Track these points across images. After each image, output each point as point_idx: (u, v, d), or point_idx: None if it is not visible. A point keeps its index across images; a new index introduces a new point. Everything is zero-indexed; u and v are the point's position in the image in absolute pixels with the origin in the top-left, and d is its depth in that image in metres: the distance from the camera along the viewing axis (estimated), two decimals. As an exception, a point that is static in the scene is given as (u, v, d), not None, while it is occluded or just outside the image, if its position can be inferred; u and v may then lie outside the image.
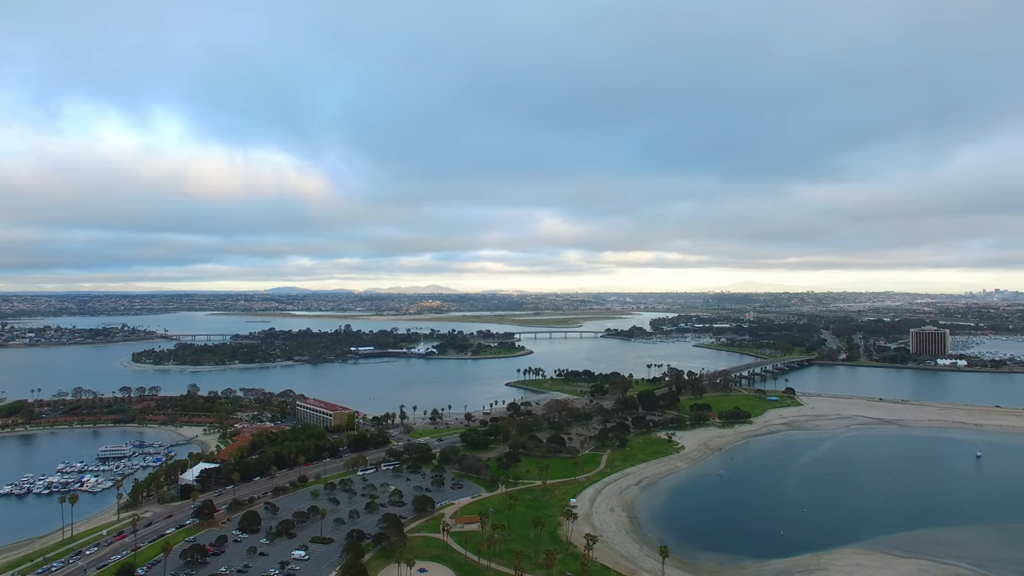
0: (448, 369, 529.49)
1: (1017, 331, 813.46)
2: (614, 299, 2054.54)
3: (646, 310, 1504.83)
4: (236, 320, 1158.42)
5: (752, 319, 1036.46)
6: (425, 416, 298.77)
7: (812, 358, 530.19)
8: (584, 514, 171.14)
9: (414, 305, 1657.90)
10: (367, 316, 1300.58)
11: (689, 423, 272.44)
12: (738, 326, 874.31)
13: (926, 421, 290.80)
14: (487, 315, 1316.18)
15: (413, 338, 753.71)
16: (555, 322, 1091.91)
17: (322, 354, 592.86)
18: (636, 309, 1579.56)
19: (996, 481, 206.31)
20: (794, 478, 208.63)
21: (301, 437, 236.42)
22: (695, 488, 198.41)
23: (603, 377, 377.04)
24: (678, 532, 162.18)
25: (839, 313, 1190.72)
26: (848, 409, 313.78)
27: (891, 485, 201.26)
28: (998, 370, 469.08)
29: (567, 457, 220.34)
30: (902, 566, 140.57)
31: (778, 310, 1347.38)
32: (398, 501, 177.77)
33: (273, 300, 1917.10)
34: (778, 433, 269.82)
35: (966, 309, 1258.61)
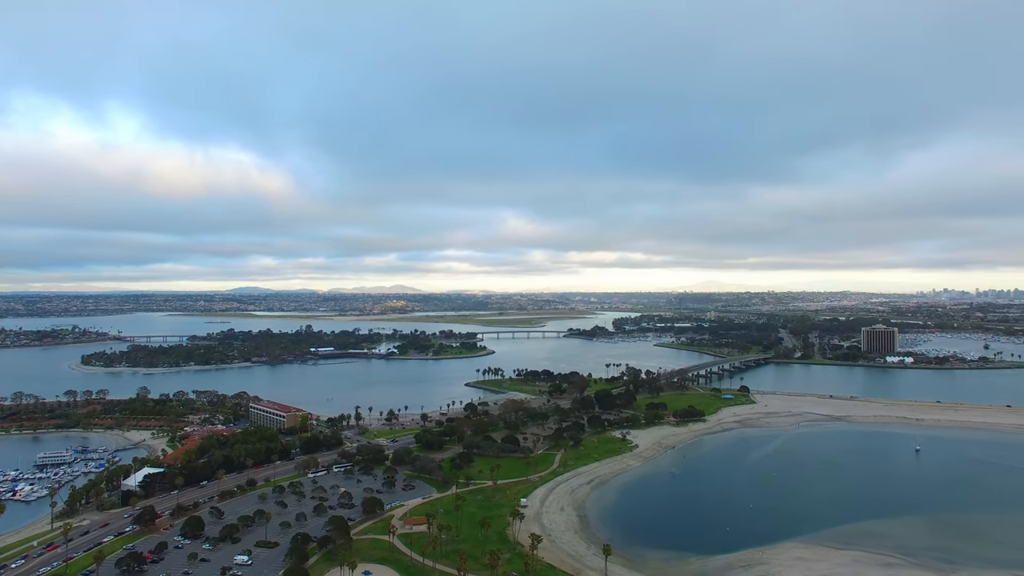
0: (409, 370, 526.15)
1: (961, 329, 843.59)
2: (579, 299, 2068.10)
3: (610, 310, 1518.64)
4: (195, 321, 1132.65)
5: (713, 319, 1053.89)
6: (381, 417, 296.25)
7: (768, 357, 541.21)
8: (534, 514, 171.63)
9: (378, 305, 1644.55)
10: (330, 316, 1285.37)
11: (644, 422, 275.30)
12: (699, 325, 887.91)
13: (872, 417, 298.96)
14: (451, 315, 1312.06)
15: (375, 338, 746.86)
16: (519, 322, 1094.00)
17: (281, 355, 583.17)
18: (600, 309, 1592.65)
19: (932, 473, 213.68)
20: (743, 475, 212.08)
21: (252, 440, 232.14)
22: (646, 486, 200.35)
23: (561, 377, 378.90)
24: (627, 530, 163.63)
25: (797, 312, 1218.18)
26: (799, 406, 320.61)
27: (835, 480, 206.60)
28: (941, 367, 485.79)
29: (521, 457, 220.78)
30: (839, 558, 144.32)
31: (739, 309, 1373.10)
32: (347, 503, 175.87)
33: (234, 300, 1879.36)
34: (731, 431, 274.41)
35: (916, 308, 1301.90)
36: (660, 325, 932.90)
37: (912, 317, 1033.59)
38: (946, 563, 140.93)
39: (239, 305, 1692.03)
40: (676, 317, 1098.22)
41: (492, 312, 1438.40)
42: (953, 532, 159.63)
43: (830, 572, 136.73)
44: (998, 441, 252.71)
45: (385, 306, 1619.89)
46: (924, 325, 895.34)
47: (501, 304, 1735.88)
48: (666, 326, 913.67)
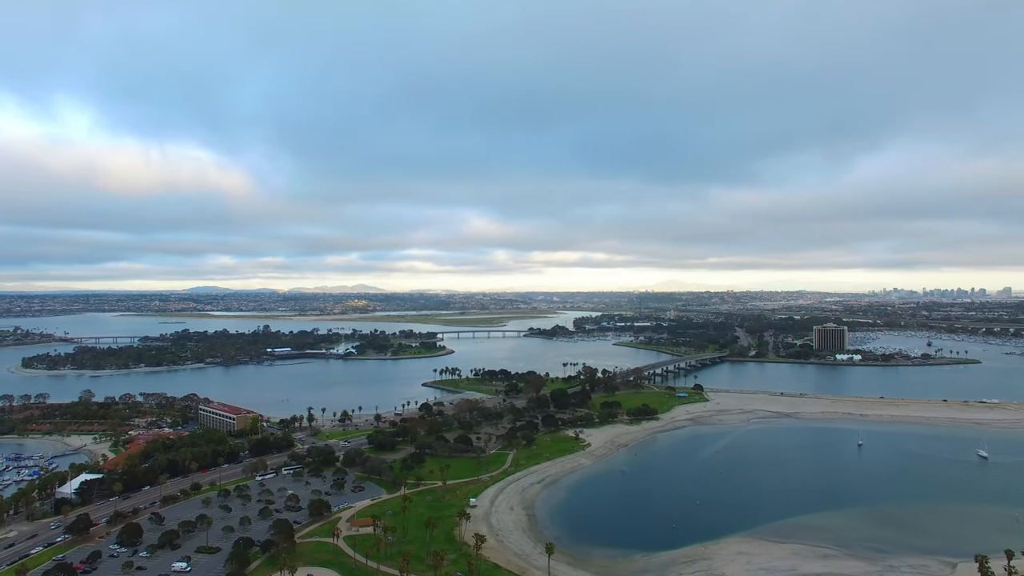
0: (367, 370, 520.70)
1: (908, 327, 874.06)
2: (541, 298, 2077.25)
3: (572, 309, 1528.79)
4: (148, 321, 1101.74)
5: (672, 318, 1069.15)
6: (334, 418, 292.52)
7: (724, 355, 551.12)
8: (483, 513, 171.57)
9: (339, 305, 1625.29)
10: (289, 316, 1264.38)
11: (598, 421, 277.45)
12: (658, 325, 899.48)
13: (819, 413, 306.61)
14: (413, 315, 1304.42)
15: (334, 338, 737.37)
16: (480, 322, 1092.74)
17: (236, 356, 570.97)
18: (563, 308, 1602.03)
19: (872, 466, 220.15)
20: (692, 472, 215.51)
21: (200, 443, 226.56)
22: (596, 484, 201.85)
23: (518, 376, 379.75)
24: (575, 528, 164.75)
25: (755, 311, 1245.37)
26: (751, 404, 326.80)
27: (780, 475, 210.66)
28: (887, 364, 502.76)
29: (473, 457, 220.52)
30: (779, 551, 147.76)
31: (698, 309, 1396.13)
32: (294, 506, 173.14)
33: (191, 300, 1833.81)
34: (683, 428, 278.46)
35: (868, 307, 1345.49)
36: (620, 324, 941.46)
37: (863, 316, 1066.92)
38: (878, 553, 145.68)
39: (196, 305, 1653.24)
40: (636, 316, 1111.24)
41: (454, 312, 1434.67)
42: (887, 523, 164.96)
43: (769, 565, 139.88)
44: (933, 434, 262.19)
45: (346, 306, 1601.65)
46: (874, 324, 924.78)
47: (463, 304, 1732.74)
48: (626, 325, 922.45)
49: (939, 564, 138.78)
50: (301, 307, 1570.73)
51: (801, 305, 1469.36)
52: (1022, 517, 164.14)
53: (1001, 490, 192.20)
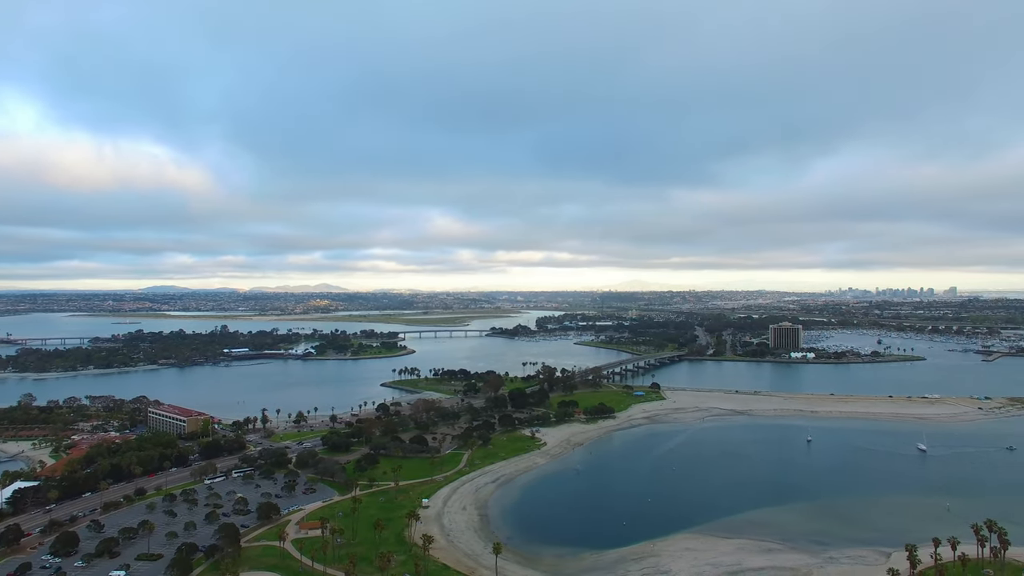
0: (326, 370, 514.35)
1: (860, 325, 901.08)
2: (505, 298, 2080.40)
3: (536, 309, 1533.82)
4: (101, 322, 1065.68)
5: (634, 317, 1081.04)
6: (289, 420, 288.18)
7: (683, 354, 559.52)
8: (435, 514, 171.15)
9: (301, 305, 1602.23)
10: (249, 316, 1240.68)
11: (555, 420, 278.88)
12: (619, 324, 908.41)
13: (772, 410, 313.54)
14: (375, 314, 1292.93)
15: (294, 339, 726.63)
16: (443, 321, 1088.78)
17: (191, 357, 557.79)
18: (526, 308, 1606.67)
19: (819, 462, 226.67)
20: (646, 469, 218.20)
21: (147, 447, 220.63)
22: (550, 484, 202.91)
23: (477, 376, 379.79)
24: (526, 527, 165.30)
25: (715, 311, 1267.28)
26: (706, 402, 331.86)
27: (731, 472, 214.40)
28: (839, 361, 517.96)
29: (428, 457, 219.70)
30: (725, 547, 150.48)
31: (660, 308, 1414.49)
32: (242, 509, 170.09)
33: (147, 300, 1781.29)
34: (639, 427, 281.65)
35: (824, 306, 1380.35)
36: (583, 324, 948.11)
37: (819, 315, 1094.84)
38: (819, 545, 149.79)
39: (152, 305, 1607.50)
40: (599, 316, 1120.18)
41: (417, 311, 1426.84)
42: (829, 516, 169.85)
43: (715, 561, 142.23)
44: (878, 429, 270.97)
45: (308, 305, 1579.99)
46: (828, 322, 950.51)
47: (427, 303, 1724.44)
48: (588, 325, 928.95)
49: (875, 554, 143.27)
50: (262, 307, 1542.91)
51: (760, 304, 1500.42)
52: (953, 507, 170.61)
53: (936, 481, 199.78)
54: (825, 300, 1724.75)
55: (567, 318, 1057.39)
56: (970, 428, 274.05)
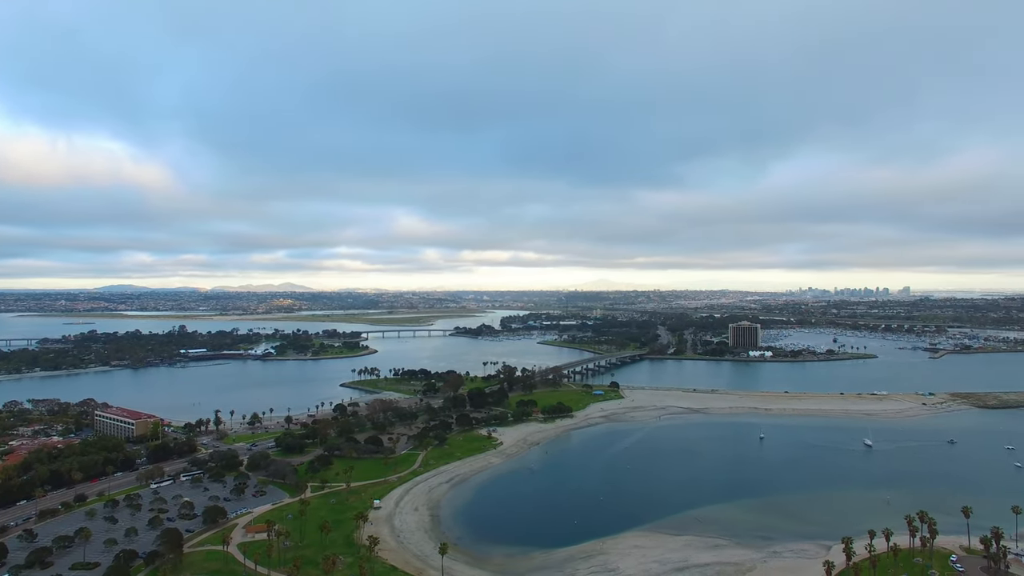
0: (285, 371, 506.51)
1: (818, 324, 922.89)
2: (471, 297, 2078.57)
3: (502, 308, 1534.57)
4: (52, 322, 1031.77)
5: (598, 316, 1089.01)
6: (244, 421, 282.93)
7: (644, 353, 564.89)
8: (386, 515, 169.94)
9: (263, 304, 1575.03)
10: (209, 316, 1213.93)
11: (512, 419, 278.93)
12: (583, 323, 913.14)
13: (727, 408, 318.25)
14: (339, 314, 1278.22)
15: (254, 339, 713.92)
16: (407, 321, 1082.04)
17: (146, 358, 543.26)
18: (492, 307, 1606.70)
19: (770, 458, 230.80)
20: (600, 468, 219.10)
21: (92, 451, 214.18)
22: (504, 483, 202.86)
23: (437, 376, 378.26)
24: (478, 527, 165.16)
25: (679, 310, 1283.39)
26: (664, 400, 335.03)
27: (683, 469, 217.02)
28: (795, 359, 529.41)
29: (383, 458, 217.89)
30: (672, 543, 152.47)
31: (625, 307, 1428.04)
32: (188, 514, 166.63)
33: (102, 299, 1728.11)
34: (596, 426, 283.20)
35: (784, 305, 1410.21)
36: (547, 323, 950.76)
37: (779, 314, 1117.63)
38: (764, 540, 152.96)
39: (108, 304, 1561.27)
40: (564, 315, 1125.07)
41: (382, 311, 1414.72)
42: (776, 512, 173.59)
43: (662, 558, 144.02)
44: (828, 426, 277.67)
45: (271, 305, 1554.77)
46: (787, 321, 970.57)
47: (392, 303, 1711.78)
48: (552, 324, 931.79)
49: (816, 547, 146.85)
50: (224, 306, 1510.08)
51: (723, 304, 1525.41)
52: (893, 500, 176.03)
53: (879, 475, 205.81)
54: (786, 300, 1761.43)
55: (531, 317, 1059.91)
56: (914, 423, 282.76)
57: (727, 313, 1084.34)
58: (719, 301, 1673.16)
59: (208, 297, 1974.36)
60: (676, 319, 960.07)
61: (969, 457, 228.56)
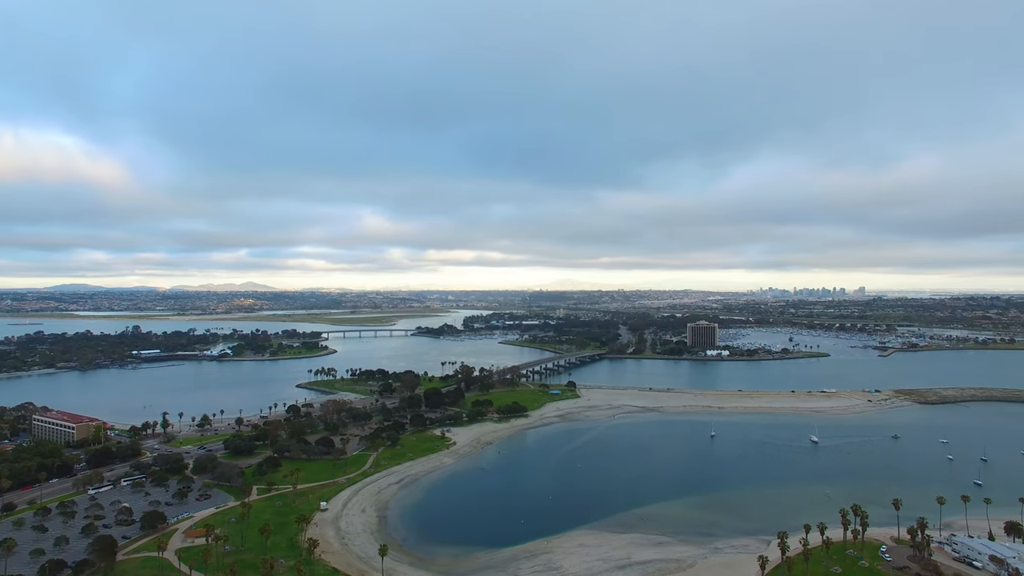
0: (242, 371, 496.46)
1: (776, 324, 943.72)
2: (436, 297, 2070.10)
3: (467, 308, 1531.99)
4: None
5: (561, 316, 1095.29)
6: (193, 423, 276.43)
7: (603, 352, 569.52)
8: (332, 517, 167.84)
9: (223, 304, 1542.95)
10: (166, 316, 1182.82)
11: (467, 419, 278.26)
12: (545, 323, 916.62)
13: (681, 407, 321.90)
14: (301, 314, 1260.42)
15: (211, 339, 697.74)
16: (370, 320, 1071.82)
17: (95, 359, 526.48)
18: (457, 307, 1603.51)
19: (719, 456, 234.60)
20: (552, 467, 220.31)
21: (25, 457, 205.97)
22: (455, 483, 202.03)
23: (394, 376, 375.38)
24: (425, 528, 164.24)
25: (641, 310, 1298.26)
26: (619, 399, 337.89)
27: (633, 468, 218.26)
28: (751, 358, 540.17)
29: (332, 459, 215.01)
30: (617, 542, 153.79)
31: (589, 307, 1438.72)
32: (126, 520, 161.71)
33: (52, 299, 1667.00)
34: (551, 425, 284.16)
35: (745, 305, 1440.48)
36: (509, 323, 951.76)
37: (739, 313, 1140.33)
38: (707, 537, 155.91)
39: (58, 304, 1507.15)
40: (527, 315, 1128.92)
41: (345, 311, 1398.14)
42: (722, 508, 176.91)
43: (606, 556, 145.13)
44: (777, 423, 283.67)
45: (232, 304, 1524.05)
46: (746, 321, 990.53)
47: (355, 302, 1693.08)
48: (515, 324, 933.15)
49: (757, 542, 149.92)
50: (182, 306, 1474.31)
51: (685, 304, 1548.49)
52: (833, 494, 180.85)
53: (823, 471, 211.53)
54: (747, 300, 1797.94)
55: (495, 317, 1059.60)
56: (859, 419, 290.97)
57: (688, 313, 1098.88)
58: (682, 301, 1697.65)
59: (166, 297, 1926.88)
60: (638, 319, 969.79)
61: (908, 451, 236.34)
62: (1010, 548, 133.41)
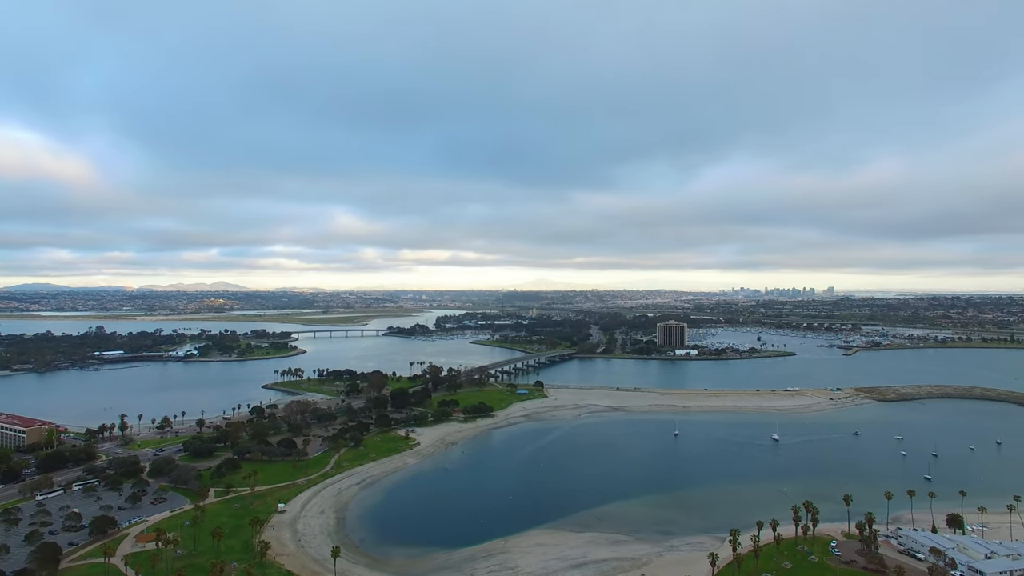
0: (209, 372, 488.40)
1: (746, 323, 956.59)
2: (409, 297, 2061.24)
3: (440, 308, 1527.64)
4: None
5: (533, 316, 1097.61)
6: (153, 425, 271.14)
7: (573, 352, 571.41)
8: (290, 519, 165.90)
9: (193, 304, 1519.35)
10: (133, 317, 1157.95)
11: (432, 419, 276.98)
12: (517, 323, 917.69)
13: (647, 406, 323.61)
14: (272, 314, 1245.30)
15: (178, 339, 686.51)
16: (342, 320, 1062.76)
17: (54, 361, 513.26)
18: (431, 307, 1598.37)
19: (682, 454, 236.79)
20: (514, 467, 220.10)
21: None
22: (417, 484, 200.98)
23: (362, 376, 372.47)
24: (383, 529, 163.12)
25: (614, 309, 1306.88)
26: (586, 399, 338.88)
27: (596, 467, 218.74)
28: (719, 357, 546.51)
29: (294, 460, 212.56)
30: (575, 541, 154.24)
31: (562, 307, 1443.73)
32: (74, 526, 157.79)
33: (12, 299, 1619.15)
34: (517, 425, 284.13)
35: (716, 305, 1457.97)
36: (481, 323, 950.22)
37: (711, 313, 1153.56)
38: (663, 535, 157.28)
39: (19, 304, 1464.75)
40: (500, 315, 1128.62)
41: (317, 311, 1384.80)
42: (680, 506, 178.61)
43: (562, 555, 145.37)
44: (740, 421, 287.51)
45: (201, 304, 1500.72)
46: (717, 320, 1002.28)
47: (328, 302, 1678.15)
48: (487, 324, 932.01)
49: (712, 540, 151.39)
50: (150, 306, 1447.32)
51: (658, 303, 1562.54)
52: (789, 491, 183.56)
53: (782, 468, 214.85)
54: (719, 300, 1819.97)
55: (467, 317, 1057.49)
56: (820, 417, 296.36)
57: (661, 313, 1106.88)
58: (655, 301, 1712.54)
59: (134, 297, 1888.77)
60: (610, 318, 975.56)
61: (865, 448, 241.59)
62: (950, 539, 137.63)
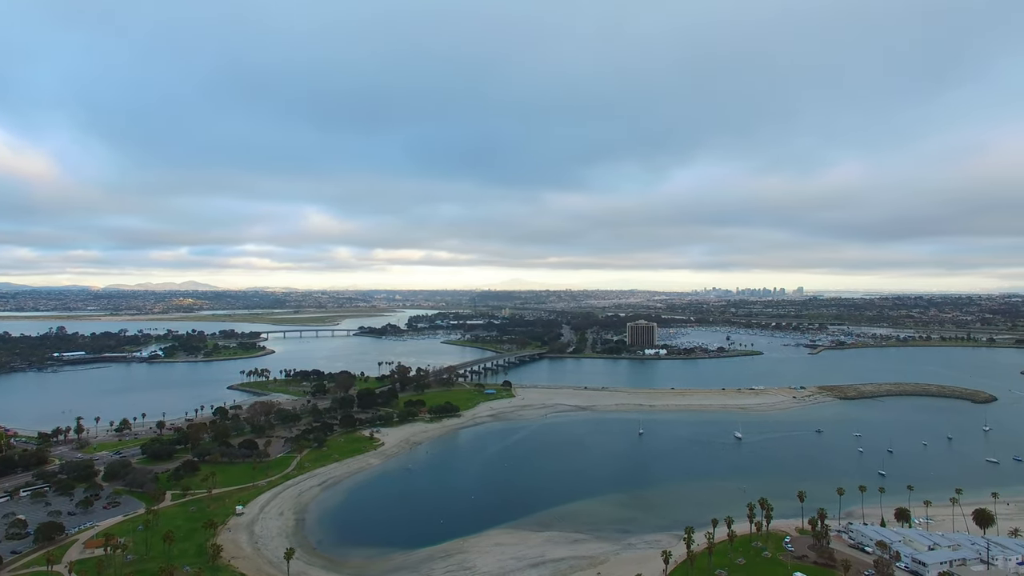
0: (174, 373, 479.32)
1: (716, 323, 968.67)
2: (383, 296, 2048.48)
3: (413, 307, 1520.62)
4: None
5: (506, 316, 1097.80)
6: (112, 427, 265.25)
7: (544, 352, 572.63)
8: (248, 521, 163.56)
9: (161, 303, 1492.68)
10: (98, 316, 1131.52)
11: (397, 419, 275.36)
12: (489, 322, 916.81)
13: (614, 405, 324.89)
14: (242, 314, 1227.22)
15: (143, 340, 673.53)
16: (313, 320, 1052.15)
17: (9, 362, 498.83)
18: (404, 307, 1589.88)
19: (646, 453, 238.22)
20: (478, 467, 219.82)
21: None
22: (379, 484, 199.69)
23: (329, 376, 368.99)
24: (343, 530, 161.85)
25: (587, 309, 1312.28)
26: (553, 399, 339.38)
27: (559, 466, 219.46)
28: (688, 357, 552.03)
29: (255, 461, 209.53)
30: (534, 540, 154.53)
31: (535, 307, 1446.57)
32: (18, 533, 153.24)
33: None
34: (483, 424, 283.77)
35: (688, 304, 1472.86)
36: (453, 323, 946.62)
37: (682, 313, 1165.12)
38: (622, 533, 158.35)
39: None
40: (472, 314, 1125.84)
41: (288, 310, 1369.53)
42: (641, 505, 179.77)
43: (520, 554, 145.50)
44: (705, 420, 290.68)
45: (170, 304, 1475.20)
46: (687, 320, 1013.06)
47: (300, 302, 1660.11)
48: (459, 323, 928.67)
49: (670, 538, 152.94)
50: (116, 306, 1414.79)
51: (631, 303, 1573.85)
52: (748, 489, 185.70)
53: (743, 466, 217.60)
54: (691, 299, 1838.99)
55: (439, 317, 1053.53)
56: (783, 415, 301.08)
57: (633, 312, 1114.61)
58: (627, 301, 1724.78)
59: (99, 296, 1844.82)
60: (582, 318, 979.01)
61: (824, 445, 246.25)
62: (896, 533, 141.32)
